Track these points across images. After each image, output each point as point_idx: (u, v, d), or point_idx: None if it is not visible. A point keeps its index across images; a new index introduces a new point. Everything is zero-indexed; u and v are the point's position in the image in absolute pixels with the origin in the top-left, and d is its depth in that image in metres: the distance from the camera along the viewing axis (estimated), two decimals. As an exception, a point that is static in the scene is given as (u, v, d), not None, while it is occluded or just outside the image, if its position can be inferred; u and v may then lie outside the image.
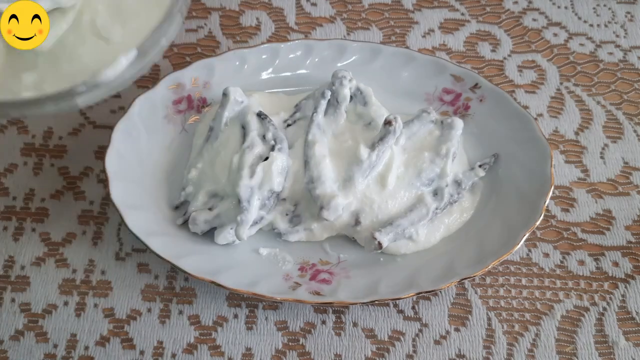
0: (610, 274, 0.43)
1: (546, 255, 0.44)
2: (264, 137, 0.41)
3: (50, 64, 0.35)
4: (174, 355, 0.40)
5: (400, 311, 0.42)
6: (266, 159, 0.40)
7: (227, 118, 0.42)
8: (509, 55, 0.52)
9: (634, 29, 0.53)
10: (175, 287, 0.42)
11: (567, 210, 0.45)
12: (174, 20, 0.37)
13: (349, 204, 0.41)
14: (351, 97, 0.44)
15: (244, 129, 0.42)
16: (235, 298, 0.42)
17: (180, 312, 0.41)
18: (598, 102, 0.50)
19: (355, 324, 0.41)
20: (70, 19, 0.35)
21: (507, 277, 0.43)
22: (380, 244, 0.40)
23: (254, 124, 0.41)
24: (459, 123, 0.43)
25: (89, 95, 0.33)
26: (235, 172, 0.40)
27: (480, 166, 0.44)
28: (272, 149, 0.41)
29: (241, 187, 0.39)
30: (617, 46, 0.52)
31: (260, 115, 0.42)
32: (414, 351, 0.40)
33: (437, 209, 0.42)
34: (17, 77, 0.34)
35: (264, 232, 0.42)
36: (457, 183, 0.43)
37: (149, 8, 0.35)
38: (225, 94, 0.42)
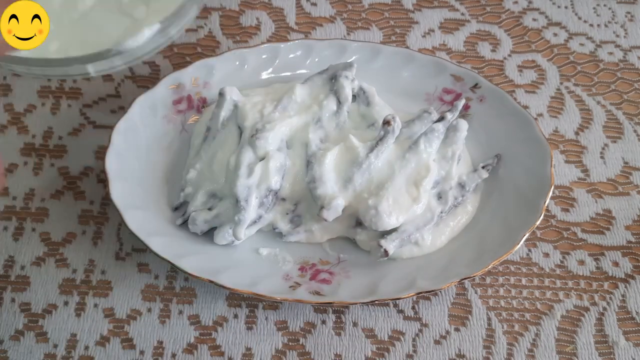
0: (610, 274, 0.43)
1: (546, 255, 0.44)
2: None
3: (74, 35, 0.40)
4: (174, 355, 0.40)
5: (400, 311, 0.42)
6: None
7: (223, 118, 0.42)
8: (509, 55, 0.52)
9: (634, 29, 0.53)
10: (175, 287, 0.42)
11: (567, 210, 0.45)
12: (194, 4, 0.42)
13: (350, 205, 0.41)
14: (354, 97, 0.44)
15: (241, 129, 0.42)
16: (235, 298, 0.42)
17: (180, 312, 0.41)
18: (598, 102, 0.50)
19: (355, 324, 0.41)
20: None
21: (507, 277, 0.43)
22: (386, 252, 0.40)
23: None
24: (464, 125, 0.43)
25: (113, 60, 0.39)
26: (233, 171, 0.40)
27: (483, 167, 0.43)
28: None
29: (238, 186, 0.39)
30: (617, 46, 0.52)
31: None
32: (414, 351, 0.40)
33: (442, 212, 0.42)
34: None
35: (264, 232, 0.42)
36: (461, 185, 0.43)
37: None
38: (221, 94, 0.42)
